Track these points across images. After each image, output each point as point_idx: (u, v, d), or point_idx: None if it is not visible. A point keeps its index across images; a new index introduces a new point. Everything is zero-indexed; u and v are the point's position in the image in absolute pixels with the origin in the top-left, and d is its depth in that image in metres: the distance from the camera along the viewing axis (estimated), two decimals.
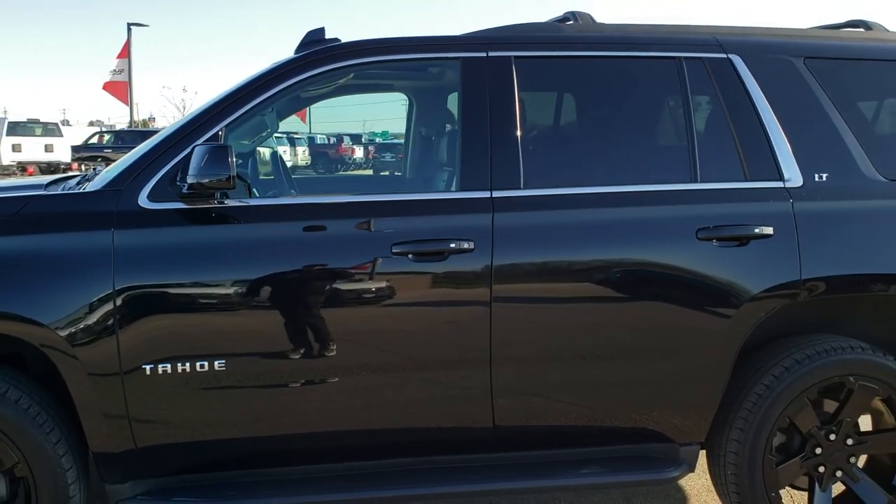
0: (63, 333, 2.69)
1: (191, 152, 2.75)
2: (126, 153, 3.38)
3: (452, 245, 2.86)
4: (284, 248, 2.85)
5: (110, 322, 2.71)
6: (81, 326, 2.70)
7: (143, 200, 2.79)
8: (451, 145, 3.47)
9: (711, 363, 3.04)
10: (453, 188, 3.09)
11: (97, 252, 2.72)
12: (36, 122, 24.75)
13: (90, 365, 2.72)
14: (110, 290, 2.71)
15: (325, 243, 2.88)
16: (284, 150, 25.33)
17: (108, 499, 2.88)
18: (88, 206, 2.81)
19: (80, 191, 2.96)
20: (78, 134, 35.86)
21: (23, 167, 21.90)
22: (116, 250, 2.72)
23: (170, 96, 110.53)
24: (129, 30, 32.29)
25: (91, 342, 2.71)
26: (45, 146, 23.89)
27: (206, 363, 2.78)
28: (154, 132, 31.39)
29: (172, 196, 2.81)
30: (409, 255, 2.85)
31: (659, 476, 3.13)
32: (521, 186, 2.98)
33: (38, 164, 22.52)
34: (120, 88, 32.18)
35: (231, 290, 2.81)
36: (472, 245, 2.87)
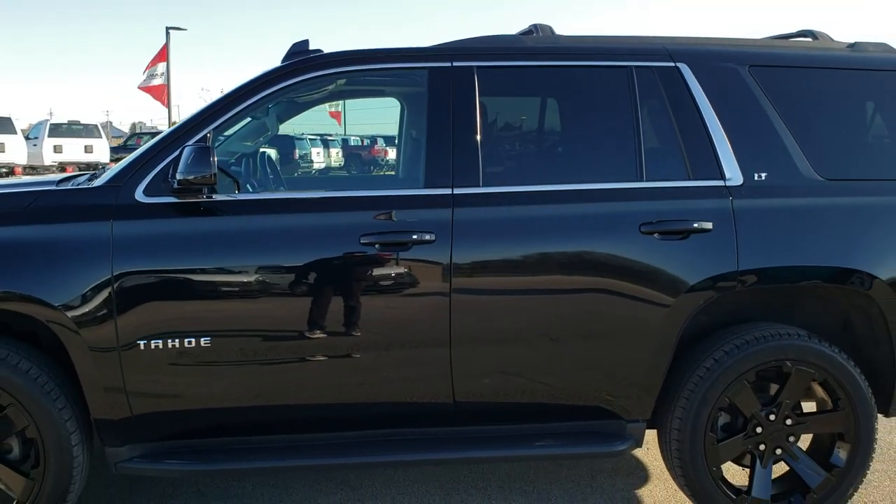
0: (69, 313, 3.05)
1: (181, 153, 3.10)
2: None
3: (415, 237, 3.17)
4: (263, 237, 3.19)
5: (109, 303, 3.06)
6: (84, 307, 3.06)
7: (139, 195, 3.15)
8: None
9: (653, 347, 3.31)
10: (422, 185, 3.39)
11: (98, 241, 3.07)
12: (76, 123, 25.50)
13: (92, 341, 3.08)
14: (109, 275, 3.06)
15: (300, 233, 3.21)
16: (318, 152, 25.93)
17: (108, 460, 3.24)
18: (91, 199, 3.18)
19: (85, 186, 3.33)
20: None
21: (62, 167, 22.63)
22: (115, 239, 3.08)
23: (208, 98, 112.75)
24: (167, 33, 33.06)
25: (92, 321, 3.06)
26: (85, 147, 24.63)
27: (193, 340, 3.12)
28: None
29: (165, 191, 3.16)
30: (376, 245, 3.17)
31: (607, 449, 3.41)
32: (480, 184, 3.28)
33: (77, 164, 23.24)
34: (159, 91, 32.97)
35: (217, 275, 3.15)
36: (433, 237, 3.18)
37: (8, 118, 21.66)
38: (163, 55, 32.85)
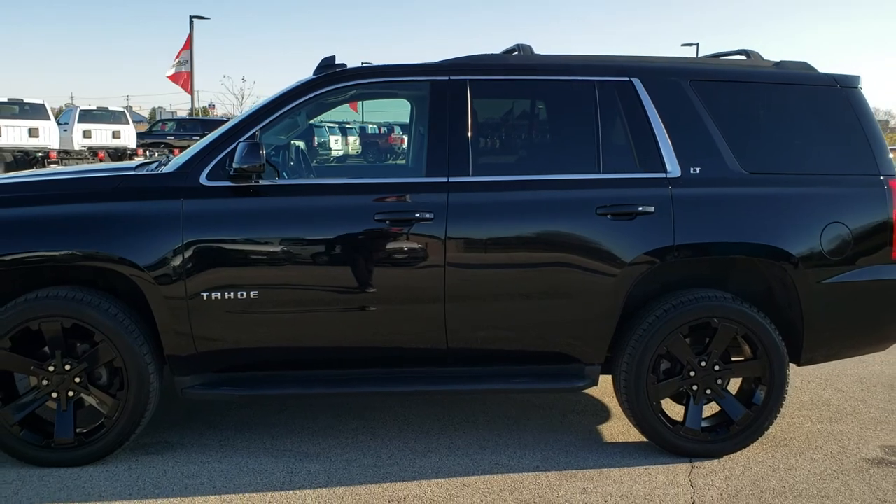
0: (151, 272, 3.94)
1: (236, 147, 3.98)
2: (188, 140, 4.49)
3: (417, 215, 4.04)
4: (298, 214, 4.07)
5: (180, 264, 3.95)
6: (162, 267, 3.94)
7: (203, 179, 4.03)
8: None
9: (605, 307, 4.16)
10: (424, 174, 4.23)
11: (172, 215, 3.96)
12: (105, 109, 26.46)
13: (167, 293, 3.96)
14: (180, 242, 3.95)
15: (327, 211, 4.08)
16: (336, 139, 26.80)
17: (175, 387, 4.14)
18: (166, 182, 4.07)
19: (160, 171, 4.22)
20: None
21: (94, 152, 23.59)
22: (184, 214, 3.96)
23: (229, 85, 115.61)
24: (191, 22, 34.04)
25: (168, 277, 3.95)
26: (113, 133, 25.57)
27: (244, 293, 4.00)
28: (213, 120, 32.69)
29: (223, 177, 4.03)
30: (387, 222, 4.04)
31: (568, 385, 4.28)
32: (470, 174, 4.13)
33: (106, 149, 24.22)
34: (183, 78, 33.98)
35: (262, 243, 4.03)
36: (431, 216, 4.04)
37: (42, 104, 22.60)
38: (187, 44, 33.86)
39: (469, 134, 4.16)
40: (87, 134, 24.99)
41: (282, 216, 4.06)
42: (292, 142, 5.35)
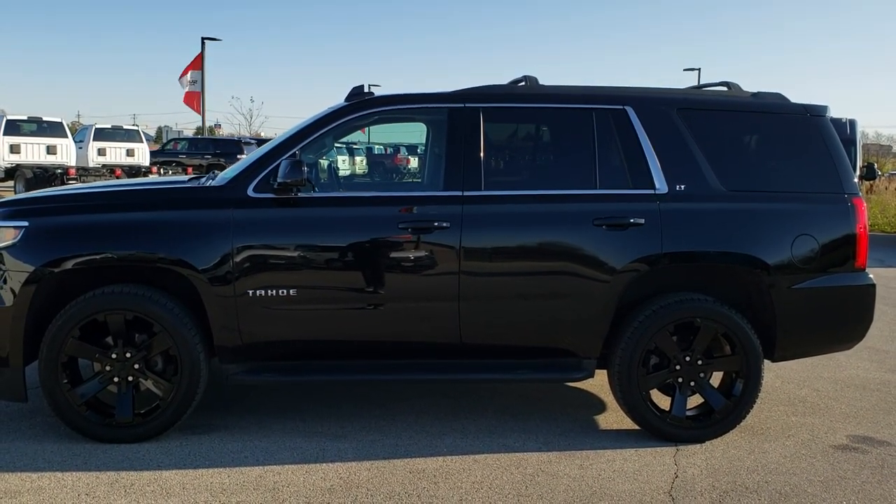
0: (206, 274, 4.51)
1: (279, 164, 4.57)
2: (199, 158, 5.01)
3: (436, 224, 4.61)
4: (332, 222, 4.65)
5: (230, 266, 4.52)
6: (215, 269, 4.51)
7: (250, 192, 4.62)
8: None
9: (600, 307, 4.72)
10: (441, 189, 4.81)
11: (224, 223, 4.53)
12: (119, 128, 27.17)
13: (219, 292, 4.53)
14: (230, 247, 4.52)
15: (356, 220, 4.66)
16: (344, 160, 27.46)
17: (222, 373, 4.70)
18: (219, 194, 4.65)
19: (211, 185, 4.80)
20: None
21: (110, 170, 24.27)
22: (234, 222, 4.54)
23: (238, 106, 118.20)
24: (202, 43, 34.79)
25: (220, 278, 4.51)
26: (127, 151, 26.26)
27: (284, 291, 4.57)
28: (223, 140, 33.23)
29: (268, 189, 4.62)
30: (409, 229, 4.62)
31: (567, 376, 4.84)
32: (482, 188, 4.71)
33: (122, 167, 24.90)
34: (194, 99, 34.71)
35: (301, 247, 4.60)
36: (448, 224, 4.61)
37: (60, 122, 23.35)
38: (196, 64, 34.58)
39: (481, 154, 4.75)
40: (101, 152, 25.63)
41: (318, 224, 4.64)
42: (321, 160, 5.94)
